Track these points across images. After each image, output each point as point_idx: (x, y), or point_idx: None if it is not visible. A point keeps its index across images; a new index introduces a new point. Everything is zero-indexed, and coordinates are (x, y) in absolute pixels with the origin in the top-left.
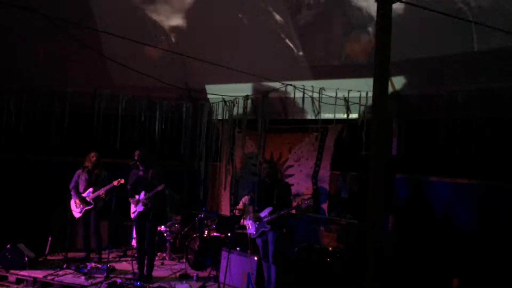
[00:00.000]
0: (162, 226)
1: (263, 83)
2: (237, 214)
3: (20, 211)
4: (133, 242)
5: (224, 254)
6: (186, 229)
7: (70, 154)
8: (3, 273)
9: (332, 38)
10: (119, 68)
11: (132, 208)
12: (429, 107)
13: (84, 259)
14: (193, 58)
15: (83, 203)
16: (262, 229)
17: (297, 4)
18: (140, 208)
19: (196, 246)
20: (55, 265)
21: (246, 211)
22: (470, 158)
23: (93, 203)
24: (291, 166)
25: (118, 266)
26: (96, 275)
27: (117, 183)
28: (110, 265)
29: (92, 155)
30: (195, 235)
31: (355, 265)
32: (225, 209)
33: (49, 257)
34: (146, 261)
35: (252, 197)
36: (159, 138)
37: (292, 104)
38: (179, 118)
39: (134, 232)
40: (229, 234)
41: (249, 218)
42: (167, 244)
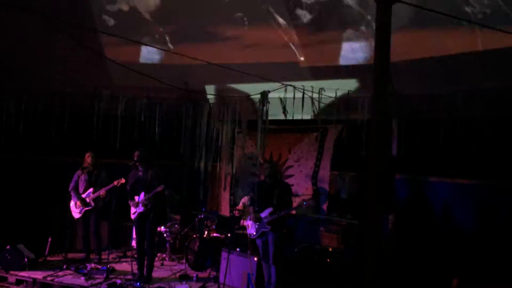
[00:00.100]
0: (162, 227)
1: (263, 83)
2: (237, 215)
3: (20, 212)
4: (133, 243)
5: (224, 255)
6: (186, 230)
7: (70, 155)
8: (3, 274)
9: (331, 38)
10: (119, 69)
11: (132, 209)
12: (429, 107)
13: (84, 260)
14: (193, 59)
15: (83, 204)
16: (262, 230)
17: (296, 5)
18: (140, 209)
19: (196, 247)
20: (55, 266)
21: (246, 212)
22: (470, 158)
23: (93, 204)
24: (291, 167)
25: (118, 267)
26: (96, 276)
27: (118, 183)
28: (110, 266)
29: (87, 155)
30: (195, 236)
31: (355, 266)
32: (225, 210)
33: (49, 258)
34: (146, 262)
35: (252, 198)
36: (159, 139)
37: (292, 105)
38: (179, 119)
39: (134, 233)
40: (229, 235)
41: (250, 219)
42: (167, 245)
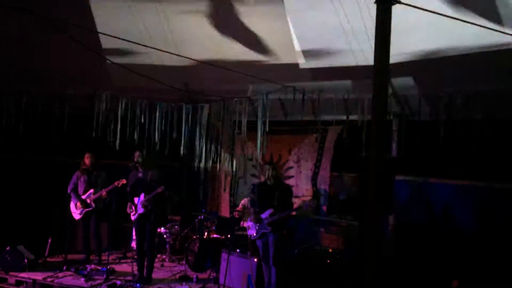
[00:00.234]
0: (162, 228)
1: (263, 85)
2: (237, 216)
3: (20, 213)
4: (133, 244)
5: (224, 256)
6: (186, 231)
7: (70, 155)
8: (3, 275)
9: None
10: (119, 70)
11: (133, 211)
12: (429, 108)
13: (84, 261)
14: (193, 60)
15: (83, 205)
16: (263, 231)
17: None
18: (140, 210)
19: (196, 248)
20: (55, 267)
21: (246, 213)
22: (470, 159)
23: (93, 205)
24: (291, 168)
25: (118, 268)
26: (96, 277)
27: (119, 184)
28: (110, 267)
29: (87, 156)
30: (195, 237)
31: (355, 267)
32: (225, 211)
33: (49, 259)
34: (146, 263)
35: (253, 199)
36: (159, 140)
37: (292, 106)
38: (179, 120)
39: (134, 234)
40: (229, 236)
41: (250, 220)
42: (167, 246)
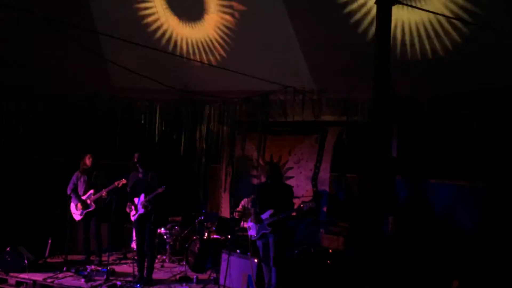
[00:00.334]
0: (162, 229)
1: (263, 85)
2: (237, 217)
3: (20, 213)
4: (133, 245)
5: (224, 257)
6: (186, 232)
7: (70, 155)
8: (3, 276)
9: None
10: (119, 70)
11: (132, 211)
12: (429, 108)
13: (84, 262)
14: (193, 60)
15: (84, 206)
16: (263, 231)
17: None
18: (141, 211)
19: (196, 249)
20: (55, 268)
21: (246, 213)
22: (470, 160)
23: (94, 205)
24: (291, 168)
25: (118, 269)
26: (96, 278)
27: (119, 184)
28: (110, 268)
29: (87, 157)
30: (195, 238)
31: (356, 267)
32: (225, 211)
33: (49, 260)
34: (146, 264)
35: (254, 199)
36: (159, 140)
37: (292, 106)
38: (179, 120)
39: (134, 235)
40: (229, 236)
41: (251, 220)
42: (167, 247)
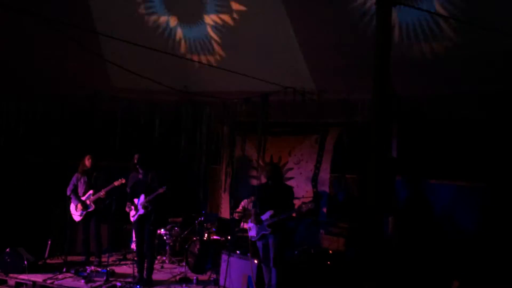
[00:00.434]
0: (162, 229)
1: (263, 86)
2: (237, 218)
3: (20, 214)
4: (133, 246)
5: (224, 257)
6: (186, 232)
7: (70, 156)
8: (3, 277)
9: (332, 40)
10: (119, 71)
11: (132, 212)
12: (429, 109)
13: (84, 263)
14: (193, 61)
15: (83, 207)
16: (263, 232)
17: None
18: (141, 211)
19: (196, 249)
20: (55, 269)
21: (247, 214)
22: (470, 160)
23: (93, 206)
24: (291, 169)
25: (118, 270)
26: (96, 279)
27: (118, 183)
28: (110, 269)
29: (87, 158)
30: (195, 238)
31: (356, 268)
32: (225, 212)
33: (49, 261)
34: (146, 265)
35: (255, 200)
36: (159, 141)
37: (292, 107)
38: (179, 121)
39: (134, 236)
40: (229, 237)
41: (251, 221)
42: (167, 248)
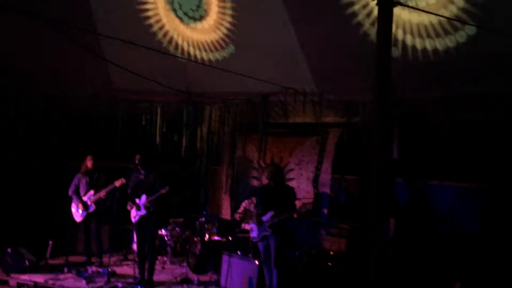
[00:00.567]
0: (163, 230)
1: (264, 87)
2: (238, 219)
3: (21, 215)
4: (134, 246)
5: (225, 258)
6: (187, 233)
7: (71, 157)
8: (4, 277)
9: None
10: (120, 72)
11: (133, 213)
12: (430, 110)
13: (85, 263)
14: (194, 62)
15: (84, 207)
16: (264, 233)
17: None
18: (142, 212)
19: (197, 250)
20: (56, 269)
21: (248, 215)
22: (472, 162)
23: (94, 207)
24: (292, 170)
25: (119, 270)
26: (97, 279)
27: (119, 184)
28: (111, 269)
29: (88, 159)
30: (196, 239)
31: (357, 269)
32: (226, 213)
33: (50, 261)
34: (147, 265)
35: (256, 201)
36: (160, 142)
37: (293, 108)
38: (180, 122)
39: (135, 236)
40: (230, 238)
41: (252, 222)
42: (168, 248)
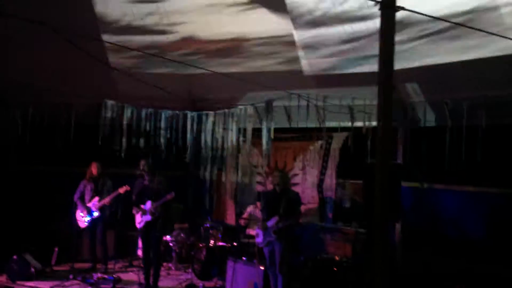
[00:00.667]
0: (168, 236)
1: (268, 92)
2: (243, 224)
3: (27, 222)
4: (139, 252)
5: (230, 264)
6: (192, 239)
7: (76, 165)
8: (10, 284)
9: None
10: (124, 78)
11: (138, 218)
12: (435, 115)
13: (91, 270)
14: (198, 68)
15: (88, 213)
16: (269, 239)
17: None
18: (148, 218)
19: (202, 256)
20: (62, 276)
21: (252, 221)
22: (477, 166)
23: (99, 213)
24: (296, 175)
25: (124, 277)
26: (103, 286)
27: (123, 191)
28: (116, 276)
29: (93, 165)
30: (201, 245)
31: (362, 274)
32: (231, 219)
33: (56, 268)
34: (152, 271)
35: (262, 206)
36: (164, 148)
37: (297, 113)
38: (184, 128)
39: (140, 242)
40: (235, 244)
41: (258, 227)
42: (173, 254)
